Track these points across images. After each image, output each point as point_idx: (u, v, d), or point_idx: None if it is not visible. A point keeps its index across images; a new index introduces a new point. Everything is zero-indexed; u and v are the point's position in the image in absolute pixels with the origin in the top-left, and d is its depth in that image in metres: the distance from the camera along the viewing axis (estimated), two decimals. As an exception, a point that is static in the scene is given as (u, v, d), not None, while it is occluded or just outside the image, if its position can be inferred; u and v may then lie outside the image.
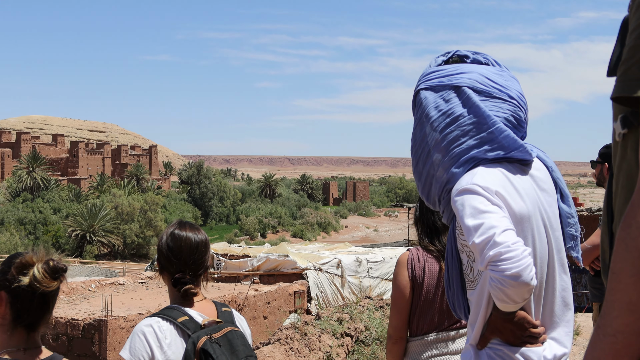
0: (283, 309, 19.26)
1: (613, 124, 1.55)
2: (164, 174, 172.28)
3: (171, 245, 3.10)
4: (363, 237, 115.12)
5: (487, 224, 2.35)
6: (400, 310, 3.89)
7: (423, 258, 3.90)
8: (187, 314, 3.03)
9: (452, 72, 2.74)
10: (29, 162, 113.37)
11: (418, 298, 3.86)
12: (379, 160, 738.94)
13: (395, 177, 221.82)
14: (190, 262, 3.11)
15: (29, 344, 2.73)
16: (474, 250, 2.37)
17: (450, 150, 2.62)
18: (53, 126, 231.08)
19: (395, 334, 3.90)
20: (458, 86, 2.68)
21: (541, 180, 2.69)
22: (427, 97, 2.73)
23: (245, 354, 3.03)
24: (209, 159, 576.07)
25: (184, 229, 3.16)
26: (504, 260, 2.26)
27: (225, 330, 3.03)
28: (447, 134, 2.64)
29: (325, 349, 8.25)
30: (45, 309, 2.72)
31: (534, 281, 2.28)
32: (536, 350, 2.49)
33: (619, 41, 1.56)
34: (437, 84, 2.73)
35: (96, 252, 79.18)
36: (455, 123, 2.63)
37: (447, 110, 2.66)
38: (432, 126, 2.68)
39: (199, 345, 2.91)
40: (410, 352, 3.88)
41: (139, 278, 22.76)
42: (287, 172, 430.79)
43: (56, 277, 2.70)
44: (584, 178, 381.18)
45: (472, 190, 2.46)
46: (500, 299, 2.33)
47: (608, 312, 1.43)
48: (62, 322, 15.21)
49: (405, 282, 3.88)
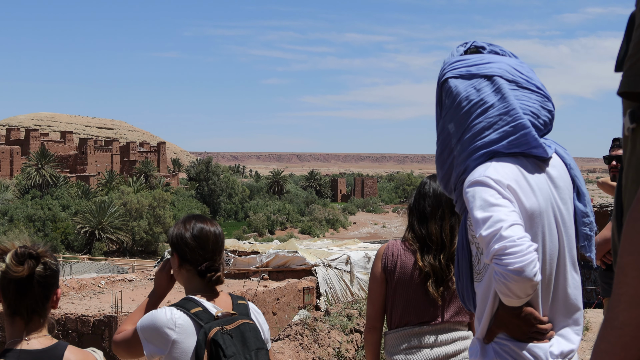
0: (292, 305, 19.26)
1: (623, 119, 1.55)
2: (172, 171, 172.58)
3: (197, 234, 3.15)
4: (371, 234, 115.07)
5: (495, 217, 2.34)
6: (373, 301, 3.93)
7: (398, 251, 3.90)
8: (201, 305, 3.05)
9: (479, 61, 2.71)
10: (38, 159, 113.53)
11: (390, 290, 3.89)
12: (387, 157, 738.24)
13: (403, 174, 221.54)
14: (216, 251, 3.18)
15: (29, 332, 2.81)
16: (481, 242, 2.36)
17: (474, 141, 2.59)
18: (62, 123, 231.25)
19: (368, 323, 3.95)
20: (489, 75, 2.64)
21: (557, 177, 2.66)
22: (457, 86, 2.68)
23: (256, 347, 3.04)
24: (217, 156, 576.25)
25: (203, 221, 3.21)
26: (508, 254, 2.26)
27: (238, 322, 3.06)
28: (475, 124, 2.60)
29: (334, 345, 8.26)
30: (29, 296, 2.79)
31: (537, 277, 2.27)
32: (543, 346, 2.48)
33: (625, 37, 1.56)
34: (466, 73, 2.69)
35: (105, 248, 79.35)
36: (484, 114, 2.59)
37: (479, 100, 2.61)
38: (462, 116, 2.64)
39: (209, 335, 2.94)
40: (387, 344, 3.91)
41: (148, 274, 22.81)
42: (295, 168, 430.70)
43: (21, 262, 2.75)
44: (593, 174, 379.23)
45: (484, 182, 2.45)
46: (503, 293, 2.33)
47: (615, 305, 1.43)
48: (72, 319, 15.26)
49: (378, 273, 3.90)
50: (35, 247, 2.82)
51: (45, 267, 2.81)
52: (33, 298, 2.79)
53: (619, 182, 1.64)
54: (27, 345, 2.78)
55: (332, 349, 8.20)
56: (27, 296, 2.78)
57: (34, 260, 2.78)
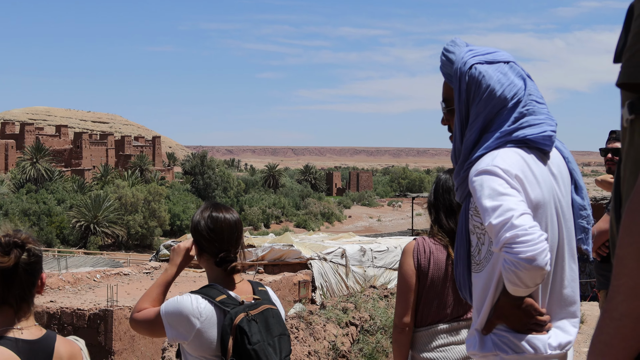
0: (288, 298, 19.28)
1: (621, 110, 1.55)
2: (168, 165, 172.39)
3: (211, 226, 3.19)
4: (366, 227, 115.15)
5: (505, 206, 2.34)
6: (405, 299, 3.83)
7: (429, 248, 3.85)
8: (225, 293, 3.11)
9: (489, 50, 2.70)
10: (33, 153, 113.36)
11: (423, 288, 3.83)
12: (382, 150, 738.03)
13: (398, 167, 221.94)
14: (232, 241, 3.21)
15: (20, 320, 2.83)
16: (490, 231, 2.36)
17: (499, 124, 2.59)
18: (56, 117, 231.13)
19: (400, 323, 3.83)
20: (507, 61, 2.66)
21: (557, 170, 2.68)
22: (487, 71, 2.63)
23: (279, 332, 3.12)
24: (212, 150, 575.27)
25: (220, 210, 3.26)
26: (519, 243, 2.26)
27: (262, 307, 3.13)
28: (501, 109, 2.59)
29: (330, 338, 8.26)
30: (16, 285, 2.79)
31: (548, 266, 2.28)
32: (541, 338, 2.49)
33: (624, 28, 1.55)
34: (490, 59, 2.66)
35: (100, 242, 79.37)
36: (513, 99, 2.59)
37: (509, 84, 2.61)
38: (494, 101, 2.61)
39: (235, 321, 3.00)
40: (417, 342, 3.83)
41: (143, 268, 22.80)
42: (290, 162, 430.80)
43: (7, 252, 2.76)
44: (588, 167, 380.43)
45: (492, 171, 2.44)
46: (512, 282, 2.33)
47: (614, 297, 1.44)
48: (67, 312, 15.25)
49: (411, 271, 3.83)
50: (19, 235, 2.83)
51: (29, 254, 2.82)
52: (20, 286, 2.80)
53: (617, 174, 1.64)
54: (22, 334, 2.79)
55: (327, 342, 8.20)
56: (14, 285, 2.79)
57: (19, 249, 2.79)
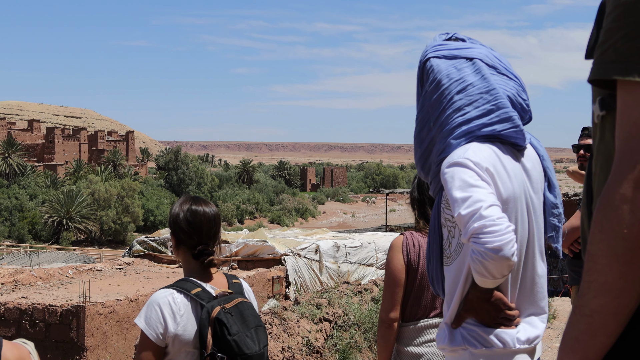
0: (261, 294, 19.24)
1: (592, 106, 1.56)
2: (141, 160, 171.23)
3: (191, 220, 3.21)
4: (340, 223, 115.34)
5: (474, 197, 2.37)
6: (393, 295, 3.80)
7: (418, 242, 3.82)
8: (200, 286, 3.14)
9: (461, 46, 2.76)
10: (5, 148, 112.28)
11: (412, 283, 3.80)
12: (357, 146, 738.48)
13: (372, 163, 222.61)
14: (210, 234, 3.24)
15: None
16: (459, 222, 2.39)
17: (454, 119, 2.61)
18: (29, 112, 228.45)
19: (387, 319, 3.80)
20: (471, 57, 2.70)
21: (531, 167, 2.71)
22: (439, 65, 2.71)
23: (255, 324, 3.16)
24: (186, 145, 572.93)
25: (199, 204, 3.27)
26: (487, 233, 2.28)
27: (236, 301, 3.16)
28: (454, 101, 2.63)
29: (304, 334, 8.26)
30: None
31: (514, 257, 2.31)
32: (510, 332, 2.52)
33: (596, 24, 1.56)
34: (448, 54, 2.73)
35: (73, 238, 78.85)
36: (464, 92, 2.62)
37: (459, 78, 2.65)
38: (442, 93, 2.66)
39: (213, 314, 3.03)
40: (404, 337, 3.82)
41: (116, 264, 22.64)
42: (265, 158, 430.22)
43: None
44: (560, 164, 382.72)
45: (463, 164, 2.47)
46: (479, 273, 2.35)
47: (585, 293, 1.45)
48: (39, 309, 15.13)
49: (400, 266, 3.80)
50: None
51: None
52: None
53: (588, 170, 1.65)
54: None
55: (301, 338, 8.20)
56: None
57: None
